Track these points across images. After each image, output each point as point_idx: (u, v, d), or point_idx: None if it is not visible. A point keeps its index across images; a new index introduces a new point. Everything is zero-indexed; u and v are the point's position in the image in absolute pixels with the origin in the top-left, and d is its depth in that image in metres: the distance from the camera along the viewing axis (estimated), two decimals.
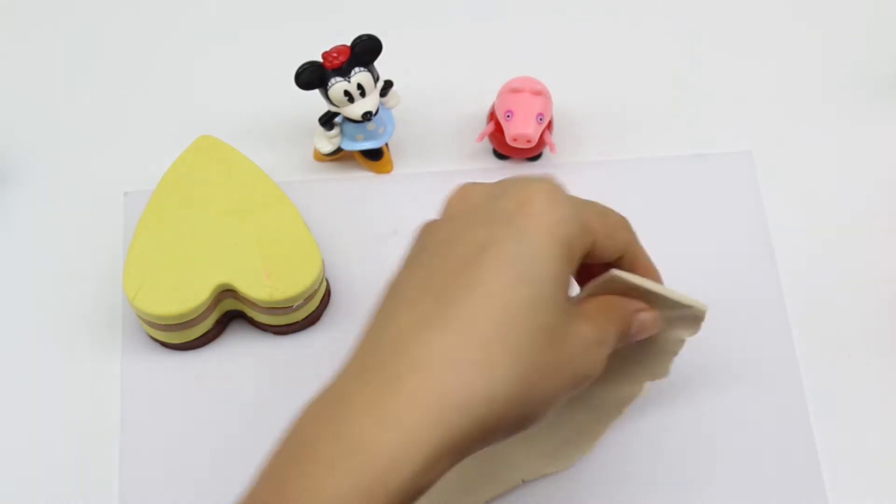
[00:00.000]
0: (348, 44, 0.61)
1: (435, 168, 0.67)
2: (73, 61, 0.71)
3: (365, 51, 0.61)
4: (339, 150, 0.65)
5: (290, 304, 0.60)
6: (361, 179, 0.67)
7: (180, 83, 0.71)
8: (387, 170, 0.67)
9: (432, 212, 0.66)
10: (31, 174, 0.67)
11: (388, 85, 0.63)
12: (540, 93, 0.63)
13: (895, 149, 0.68)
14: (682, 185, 0.67)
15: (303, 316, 0.62)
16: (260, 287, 0.59)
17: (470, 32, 0.72)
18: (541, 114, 0.63)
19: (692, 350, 0.62)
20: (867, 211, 0.66)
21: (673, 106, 0.69)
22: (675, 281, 0.64)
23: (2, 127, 0.69)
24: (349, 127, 0.64)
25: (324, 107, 0.63)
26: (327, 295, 0.63)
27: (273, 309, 0.60)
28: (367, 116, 0.62)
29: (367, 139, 0.65)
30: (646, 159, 0.67)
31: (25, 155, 0.68)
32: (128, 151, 0.68)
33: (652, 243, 0.65)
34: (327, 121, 0.63)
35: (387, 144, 0.66)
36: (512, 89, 0.64)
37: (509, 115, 0.63)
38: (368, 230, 0.66)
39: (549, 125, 0.65)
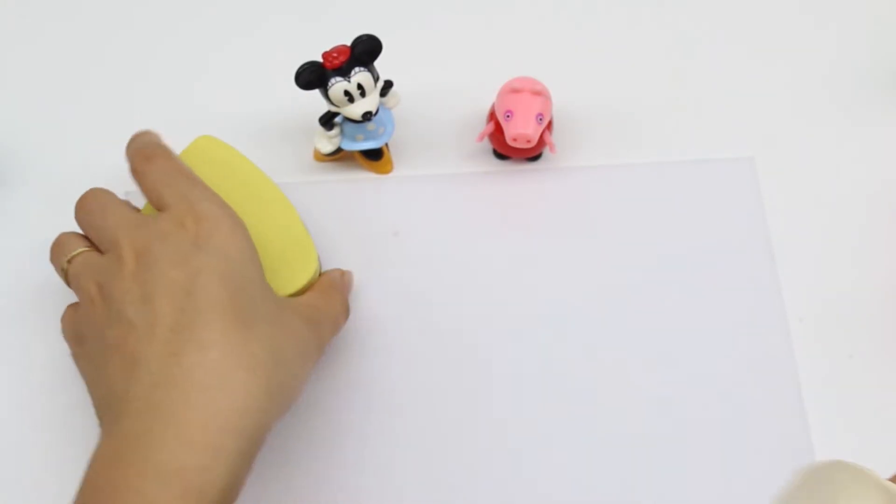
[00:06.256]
0: (348, 44, 0.61)
1: (435, 168, 0.67)
2: (74, 62, 0.71)
3: (365, 51, 0.60)
4: (339, 150, 0.65)
5: None
6: (361, 180, 0.67)
7: (180, 83, 0.71)
8: (387, 170, 0.67)
9: (432, 212, 0.66)
10: (31, 174, 0.67)
11: (388, 85, 0.63)
12: (540, 93, 0.63)
13: None
14: (684, 190, 0.67)
15: None
16: None
17: (470, 32, 0.72)
18: (541, 114, 0.63)
19: (692, 351, 0.62)
20: (868, 217, 0.66)
21: (674, 110, 0.69)
22: (675, 285, 0.64)
23: (2, 127, 0.69)
24: (349, 127, 0.64)
25: (324, 107, 0.63)
26: None
27: None
28: (367, 116, 0.62)
29: (367, 139, 0.65)
30: (647, 164, 0.67)
31: (25, 155, 0.68)
32: None
33: (653, 248, 0.65)
34: (327, 121, 0.63)
35: (387, 144, 0.66)
36: (512, 89, 0.64)
37: (509, 115, 0.63)
38: (368, 231, 0.65)
39: (549, 125, 0.65)
